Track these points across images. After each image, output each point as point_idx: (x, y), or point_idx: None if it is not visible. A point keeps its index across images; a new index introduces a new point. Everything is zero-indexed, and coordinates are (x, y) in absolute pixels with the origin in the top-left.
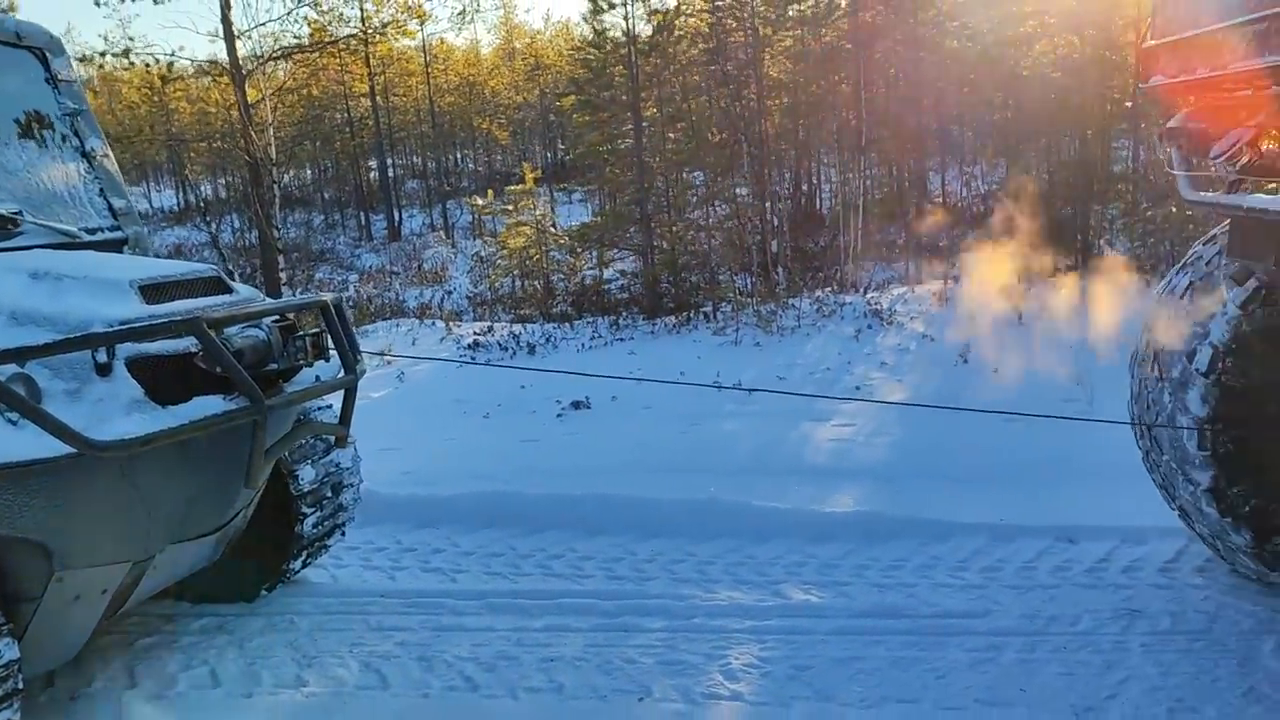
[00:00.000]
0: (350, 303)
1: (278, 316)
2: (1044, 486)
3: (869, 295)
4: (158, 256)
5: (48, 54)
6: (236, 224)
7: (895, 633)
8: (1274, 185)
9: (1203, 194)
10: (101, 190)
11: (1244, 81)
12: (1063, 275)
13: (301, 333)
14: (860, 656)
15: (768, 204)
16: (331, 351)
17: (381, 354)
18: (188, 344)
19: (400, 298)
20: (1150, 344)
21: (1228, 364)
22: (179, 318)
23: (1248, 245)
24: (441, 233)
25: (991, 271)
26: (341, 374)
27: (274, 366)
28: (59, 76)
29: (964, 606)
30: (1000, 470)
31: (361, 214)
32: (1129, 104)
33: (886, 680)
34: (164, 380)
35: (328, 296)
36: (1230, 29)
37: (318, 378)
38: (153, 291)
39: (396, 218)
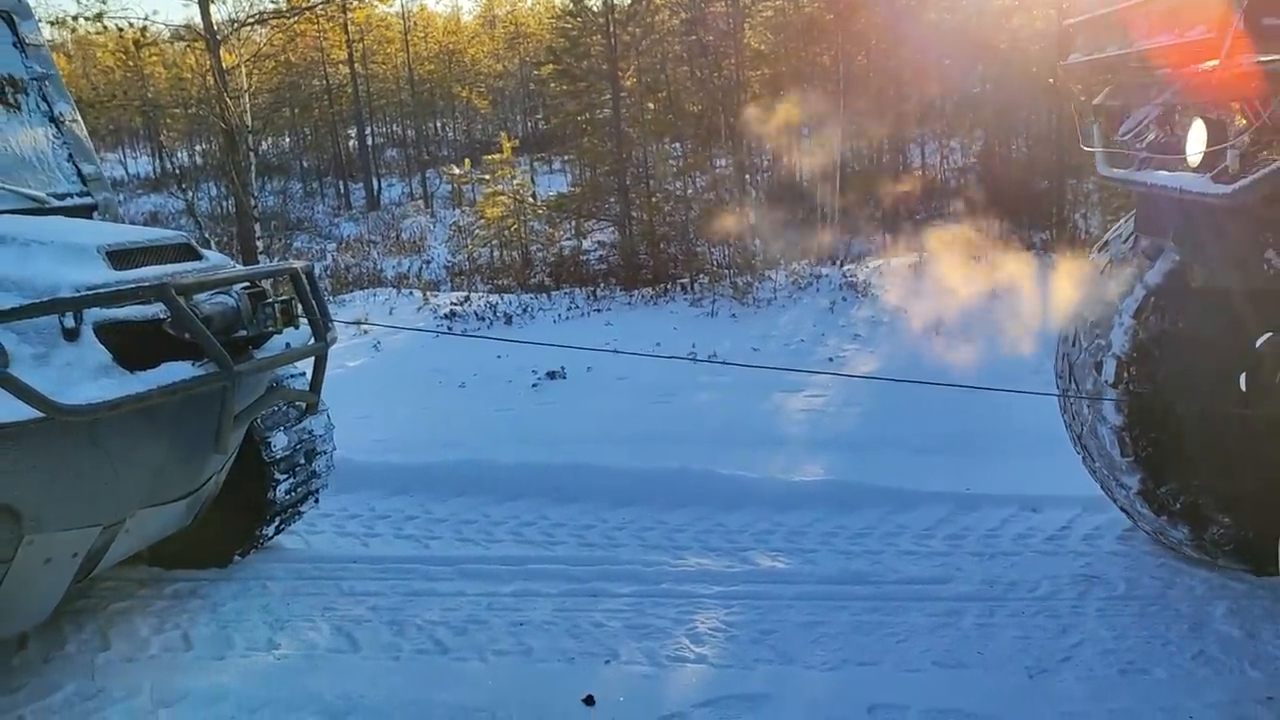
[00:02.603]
0: (328, 272)
1: (247, 284)
2: (1010, 457)
3: (845, 267)
4: (130, 223)
5: (15, 18)
6: (213, 191)
7: (859, 598)
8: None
9: (1115, 170)
10: (70, 156)
11: (1149, 60)
12: (1037, 249)
13: (271, 300)
14: (824, 621)
15: (746, 176)
16: (302, 319)
17: (358, 323)
18: (156, 310)
19: (378, 267)
20: (1065, 357)
21: (1133, 372)
22: (146, 283)
23: (1152, 221)
24: (420, 202)
25: (967, 245)
26: (312, 341)
27: (243, 333)
28: (26, 41)
29: (927, 573)
30: (968, 440)
31: (340, 183)
32: (1051, 80)
33: (848, 644)
34: (133, 346)
35: (298, 264)
36: (1137, 7)
37: (288, 345)
38: (121, 257)
39: (375, 187)
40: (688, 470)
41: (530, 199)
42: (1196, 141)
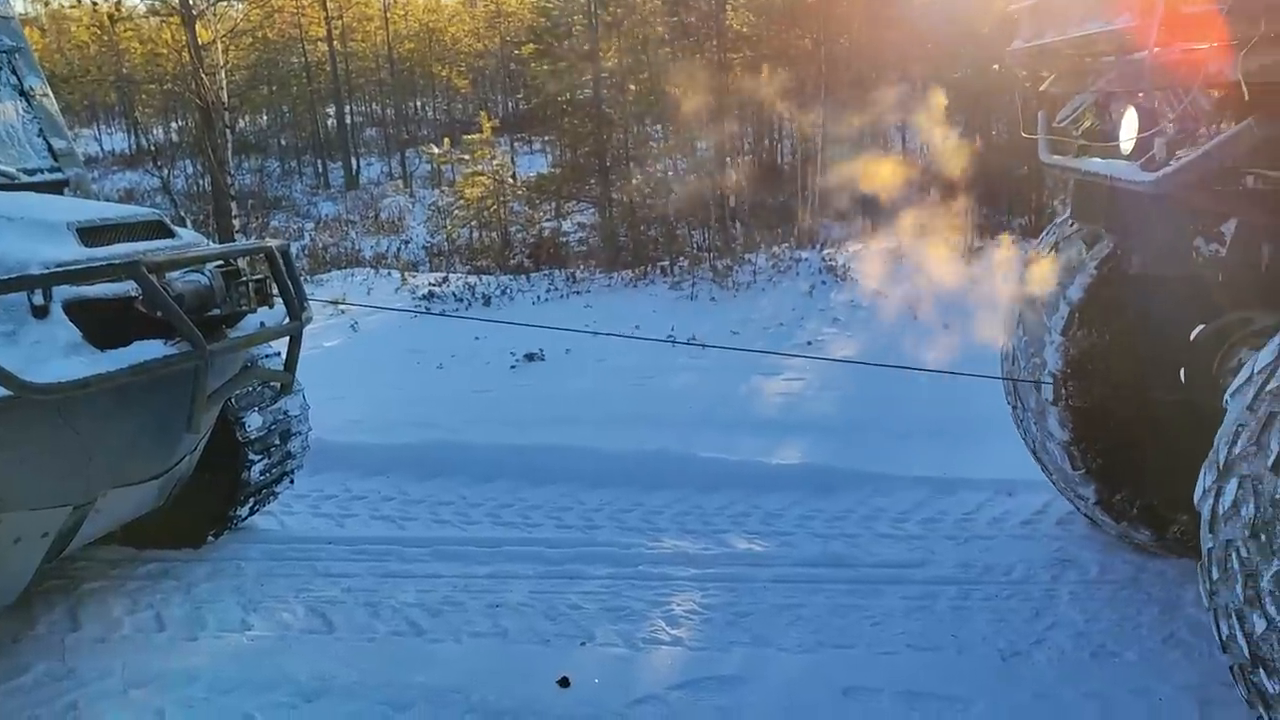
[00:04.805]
0: (306, 251)
1: (221, 262)
2: (986, 441)
3: (825, 251)
4: (105, 200)
5: None
6: (190, 169)
7: (835, 581)
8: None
9: (1054, 157)
10: (41, 131)
11: (1084, 47)
12: (1016, 233)
13: (245, 278)
14: (800, 604)
15: (727, 158)
16: (277, 298)
17: (335, 303)
18: (127, 288)
19: (356, 247)
20: (1008, 375)
21: (1070, 387)
22: (118, 261)
23: (1089, 209)
24: (400, 182)
25: (946, 229)
26: (286, 321)
27: (216, 312)
28: None
29: (903, 556)
30: (945, 425)
31: (319, 161)
32: (996, 66)
33: (824, 627)
34: (104, 324)
35: (273, 243)
36: None
37: (262, 324)
38: (91, 234)
39: (354, 166)
40: (666, 452)
41: (510, 179)
42: (1129, 129)
